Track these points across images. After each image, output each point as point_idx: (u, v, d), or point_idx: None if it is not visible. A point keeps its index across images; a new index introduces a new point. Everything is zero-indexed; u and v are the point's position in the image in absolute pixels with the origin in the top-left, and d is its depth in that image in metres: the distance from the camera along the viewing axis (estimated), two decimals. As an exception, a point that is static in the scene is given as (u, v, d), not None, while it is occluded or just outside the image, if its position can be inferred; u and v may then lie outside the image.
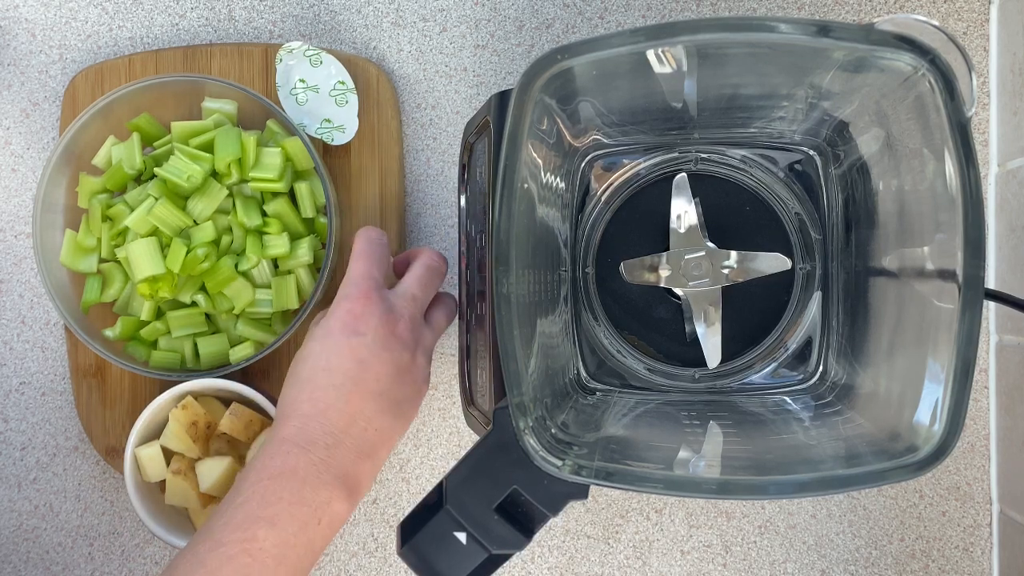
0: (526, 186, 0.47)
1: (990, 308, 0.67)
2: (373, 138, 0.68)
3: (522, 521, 0.47)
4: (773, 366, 0.60)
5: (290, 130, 0.64)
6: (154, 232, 0.62)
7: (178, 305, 0.64)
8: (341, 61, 0.66)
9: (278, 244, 0.63)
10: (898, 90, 0.46)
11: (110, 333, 0.64)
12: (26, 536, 0.70)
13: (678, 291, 0.58)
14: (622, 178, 0.60)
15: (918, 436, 0.44)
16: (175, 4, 0.70)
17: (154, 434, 0.65)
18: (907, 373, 0.48)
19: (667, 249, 0.58)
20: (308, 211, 0.65)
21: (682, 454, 0.51)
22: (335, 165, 0.68)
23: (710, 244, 0.58)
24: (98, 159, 0.65)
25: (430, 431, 0.70)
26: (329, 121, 0.67)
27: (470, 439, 0.69)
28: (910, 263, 0.49)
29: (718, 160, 0.59)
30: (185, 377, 0.64)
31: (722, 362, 0.59)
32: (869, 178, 0.54)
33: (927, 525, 0.68)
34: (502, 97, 0.53)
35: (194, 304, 0.64)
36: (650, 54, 0.46)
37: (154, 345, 0.65)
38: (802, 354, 0.60)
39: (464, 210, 0.60)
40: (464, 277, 0.60)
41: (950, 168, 0.43)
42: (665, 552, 0.69)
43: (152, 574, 0.70)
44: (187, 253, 0.61)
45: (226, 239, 0.63)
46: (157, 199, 0.62)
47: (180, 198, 0.63)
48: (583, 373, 0.60)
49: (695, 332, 0.59)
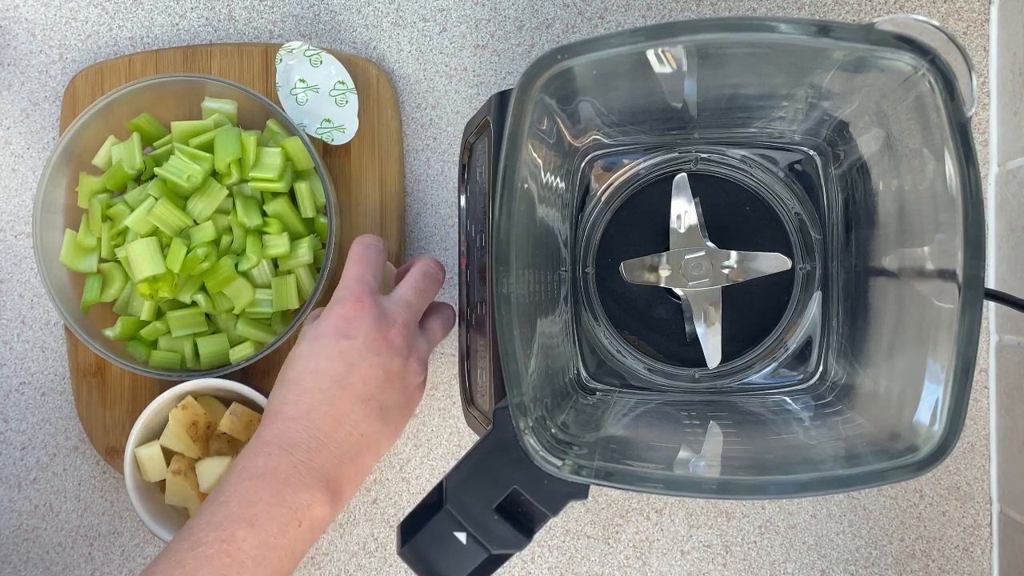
0: (526, 186, 0.47)
1: (990, 308, 0.67)
2: (373, 138, 0.68)
3: (522, 521, 0.47)
4: (773, 366, 0.60)
5: (290, 130, 0.64)
6: (154, 232, 0.62)
7: (178, 305, 0.64)
8: (341, 61, 0.66)
9: (278, 244, 0.63)
10: (898, 90, 0.46)
11: (110, 333, 0.64)
12: (26, 536, 0.70)
13: (678, 291, 0.58)
14: (622, 178, 0.60)
15: (918, 436, 0.44)
16: (175, 4, 0.70)
17: (154, 434, 0.65)
18: (907, 373, 0.48)
19: (667, 249, 0.58)
20: (308, 211, 0.65)
21: (682, 454, 0.51)
22: (335, 165, 0.68)
23: (710, 244, 0.58)
24: (98, 159, 0.65)
25: (430, 431, 0.70)
26: (329, 121, 0.67)
27: (470, 439, 0.69)
28: (910, 263, 0.49)
29: (718, 160, 0.59)
30: (185, 377, 0.64)
31: (722, 362, 0.59)
32: (869, 178, 0.54)
33: (927, 525, 0.68)
34: (502, 97, 0.53)
35: (194, 304, 0.64)
36: (650, 54, 0.46)
37: (154, 345, 0.65)
38: (802, 354, 0.60)
39: (464, 210, 0.60)
40: (464, 277, 0.60)
41: (950, 168, 0.43)
42: (665, 552, 0.69)
43: (152, 574, 0.71)
44: (187, 253, 0.61)
45: (226, 239, 0.63)
46: (157, 199, 0.62)
47: (180, 198, 0.63)
48: (583, 373, 0.60)
49: (695, 332, 0.59)
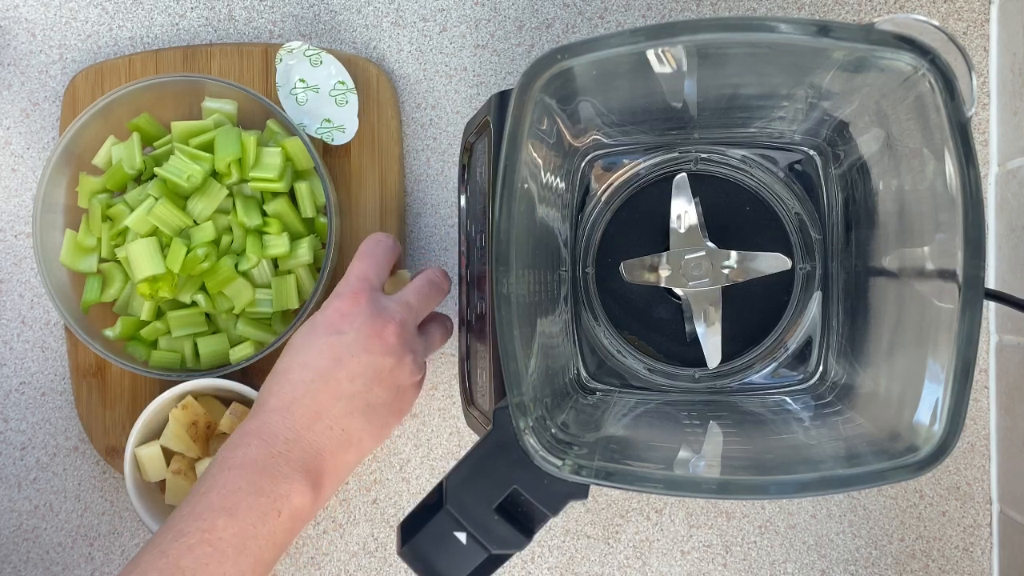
0: (526, 186, 0.47)
1: (990, 308, 0.67)
2: (373, 138, 0.68)
3: (522, 521, 0.47)
4: (773, 366, 0.60)
5: (290, 130, 0.64)
6: (154, 232, 0.62)
7: (178, 305, 0.64)
8: (341, 61, 0.66)
9: (278, 244, 0.63)
10: (898, 90, 0.46)
11: (110, 333, 0.64)
12: (26, 536, 0.70)
13: (678, 291, 0.58)
14: (622, 178, 0.60)
15: (918, 436, 0.44)
16: (175, 4, 0.70)
17: (154, 434, 0.65)
18: (907, 373, 0.48)
19: (667, 249, 0.58)
20: (308, 211, 0.65)
21: (682, 454, 0.51)
22: (335, 165, 0.68)
23: (710, 244, 0.58)
24: (98, 159, 0.65)
25: (430, 431, 0.70)
26: (329, 121, 0.67)
27: (470, 439, 0.69)
28: (910, 263, 0.49)
29: (718, 160, 0.59)
30: (185, 377, 0.64)
31: (722, 362, 0.59)
32: (869, 178, 0.54)
33: (927, 525, 0.68)
34: (502, 97, 0.53)
35: (194, 304, 0.64)
36: (650, 54, 0.46)
37: (154, 345, 0.65)
38: (802, 354, 0.60)
39: (464, 210, 0.60)
40: (464, 277, 0.60)
41: (950, 168, 0.43)
42: (665, 552, 0.69)
43: (152, 574, 0.70)
44: (187, 253, 0.61)
45: (226, 239, 0.63)
46: (157, 199, 0.62)
47: (180, 198, 0.63)
48: (583, 373, 0.60)
49: (695, 332, 0.59)
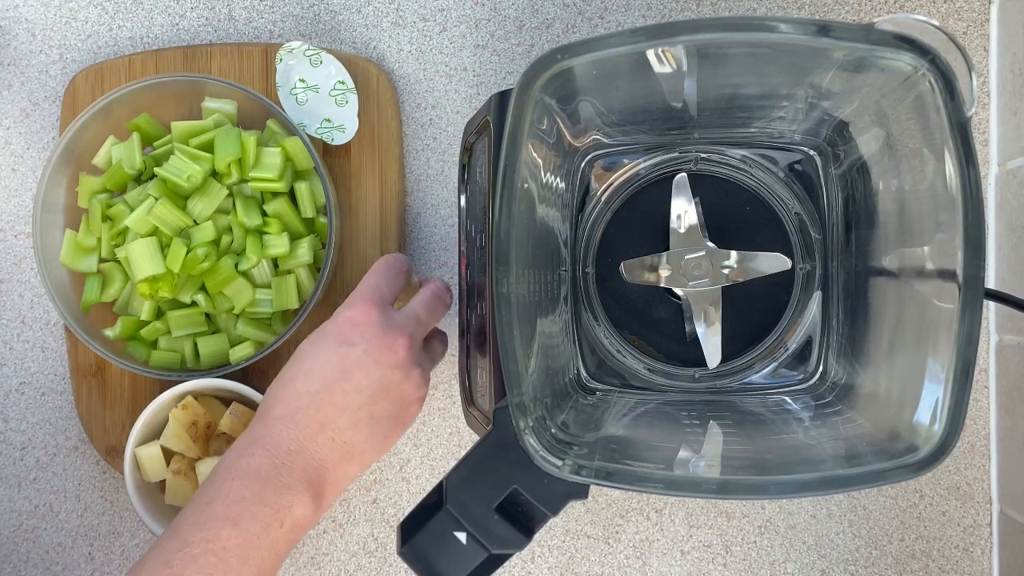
0: (526, 186, 0.47)
1: (990, 308, 0.67)
2: (373, 138, 0.68)
3: (522, 521, 0.47)
4: (773, 366, 0.60)
5: (290, 130, 0.64)
6: (154, 232, 0.62)
7: (178, 305, 0.64)
8: (341, 61, 0.66)
9: (278, 244, 0.63)
10: (898, 90, 0.46)
11: (110, 333, 0.64)
12: (26, 536, 0.70)
13: (678, 291, 0.58)
14: (622, 178, 0.60)
15: (918, 436, 0.44)
16: (175, 4, 0.70)
17: (154, 434, 0.65)
18: (907, 373, 0.48)
19: (667, 249, 0.58)
20: (308, 211, 0.65)
21: (682, 454, 0.51)
22: (335, 165, 0.68)
23: (710, 244, 0.58)
24: (98, 159, 0.65)
25: (430, 431, 0.70)
26: (329, 121, 0.67)
27: (470, 439, 0.69)
28: (910, 263, 0.49)
29: (718, 160, 0.59)
30: (185, 377, 0.64)
31: (722, 362, 0.59)
32: (869, 178, 0.54)
33: (927, 525, 0.68)
34: (502, 97, 0.53)
35: (194, 304, 0.64)
36: (650, 54, 0.46)
37: (154, 345, 0.65)
38: (802, 354, 0.60)
39: (464, 210, 0.60)
40: (464, 277, 0.60)
41: (950, 168, 0.43)
42: (665, 552, 0.69)
43: (152, 574, 0.70)
44: (187, 253, 0.61)
45: (226, 239, 0.63)
46: (157, 199, 0.62)
47: (180, 198, 0.63)
48: (583, 373, 0.60)
49: (695, 332, 0.59)
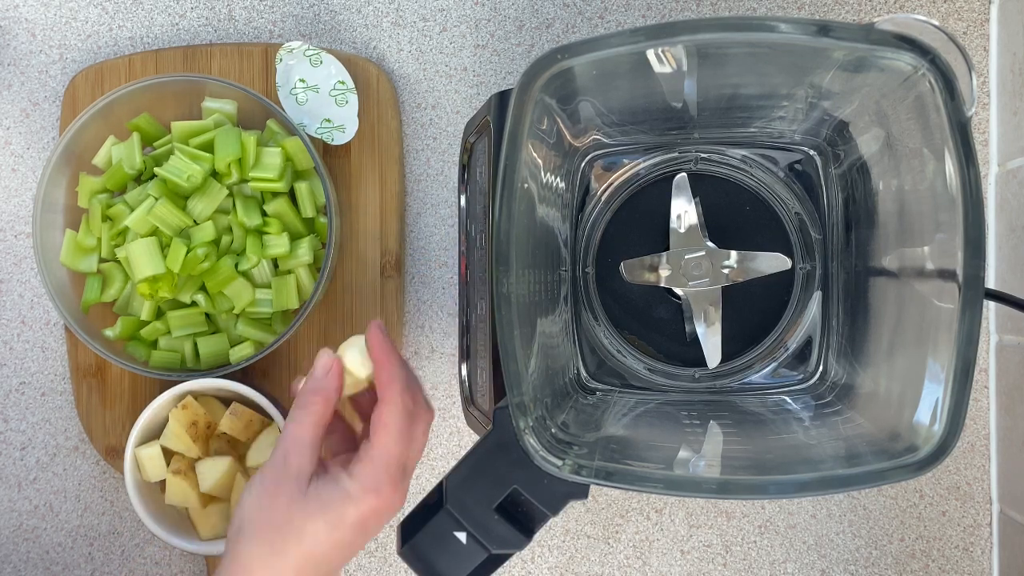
0: (526, 186, 0.47)
1: (990, 308, 0.67)
2: (373, 138, 0.68)
3: (522, 521, 0.47)
4: (773, 366, 0.60)
5: (290, 130, 0.64)
6: (154, 232, 0.62)
7: (178, 305, 0.64)
8: (341, 61, 0.66)
9: (278, 244, 0.63)
10: (898, 90, 0.46)
11: (110, 333, 0.64)
12: (26, 536, 0.70)
13: (678, 291, 0.58)
14: (622, 178, 0.60)
15: (918, 436, 0.44)
16: (175, 4, 0.70)
17: (154, 434, 0.65)
18: (907, 373, 0.48)
19: (667, 249, 0.58)
20: (308, 211, 0.65)
21: (682, 454, 0.51)
22: (335, 165, 0.68)
23: (710, 244, 0.58)
24: (98, 159, 0.65)
25: (430, 431, 0.70)
26: (329, 121, 0.67)
27: (470, 439, 0.69)
28: (910, 263, 0.49)
29: (718, 160, 0.59)
30: (185, 377, 0.64)
31: (722, 362, 0.59)
32: (869, 178, 0.54)
33: (927, 525, 0.68)
34: (502, 97, 0.53)
35: (194, 304, 0.64)
36: (650, 54, 0.46)
37: (154, 345, 0.65)
38: (802, 354, 0.60)
39: (464, 210, 0.60)
40: (464, 277, 0.60)
41: (950, 168, 0.43)
42: (665, 552, 0.69)
43: (152, 574, 0.70)
44: (187, 253, 0.61)
45: (226, 239, 0.63)
46: (157, 199, 0.62)
47: (180, 198, 0.63)
48: (583, 373, 0.60)
49: (695, 332, 0.59)
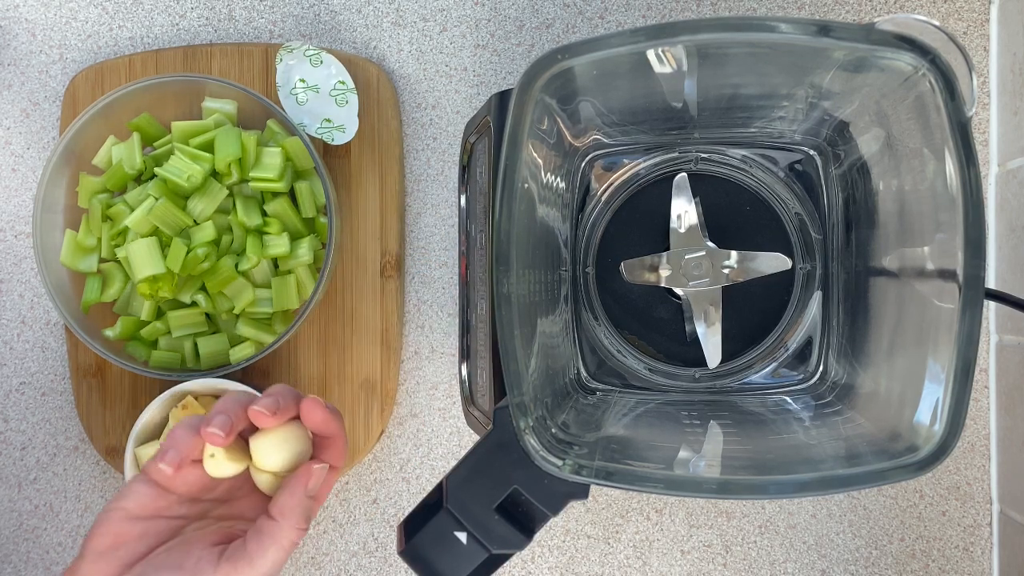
0: (526, 186, 0.47)
1: (990, 308, 0.67)
2: (373, 138, 0.68)
3: (522, 521, 0.47)
4: (773, 366, 0.60)
5: (290, 130, 0.64)
6: (154, 232, 0.62)
7: (178, 305, 0.64)
8: (341, 61, 0.66)
9: (278, 244, 0.63)
10: (898, 90, 0.46)
11: (110, 333, 0.64)
12: (26, 536, 0.70)
13: (678, 291, 0.58)
14: (622, 178, 0.60)
15: (918, 436, 0.44)
16: (175, 4, 0.70)
17: (154, 434, 0.65)
18: (907, 373, 0.48)
19: (667, 249, 0.58)
20: (308, 211, 0.65)
21: (682, 454, 0.51)
22: (335, 165, 0.68)
23: (710, 244, 0.58)
24: (98, 159, 0.65)
25: (430, 431, 0.70)
26: (329, 121, 0.67)
27: (470, 439, 0.69)
28: (910, 263, 0.49)
29: (718, 160, 0.59)
30: (185, 377, 0.64)
31: (722, 362, 0.59)
32: (869, 178, 0.54)
33: (927, 525, 0.68)
34: (502, 97, 0.53)
35: (194, 304, 0.64)
36: (650, 54, 0.45)
37: (154, 345, 0.65)
38: (802, 354, 0.60)
39: (464, 210, 0.60)
40: (464, 277, 0.60)
41: (950, 168, 0.43)
42: (665, 552, 0.69)
43: (152, 574, 0.70)
44: (187, 253, 0.61)
45: (226, 239, 0.63)
46: (157, 199, 0.62)
47: (180, 198, 0.63)
48: (583, 373, 0.60)
49: (695, 332, 0.59)
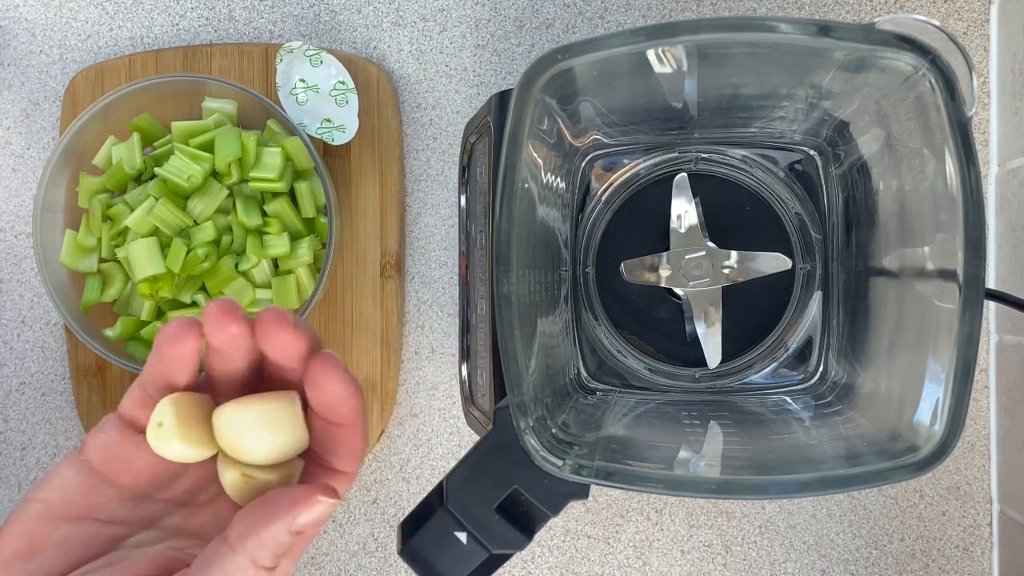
0: (526, 186, 0.47)
1: (990, 308, 0.67)
2: (373, 138, 0.68)
3: (522, 521, 0.47)
4: (773, 366, 0.60)
5: (290, 130, 0.64)
6: (154, 232, 0.62)
7: (178, 305, 0.64)
8: (341, 61, 0.66)
9: (278, 244, 0.63)
10: (898, 90, 0.46)
11: (110, 333, 0.64)
12: (26, 536, 0.70)
13: (678, 291, 0.58)
14: (622, 178, 0.60)
15: (918, 436, 0.44)
16: (175, 4, 0.70)
17: (154, 434, 0.65)
18: (907, 373, 0.48)
19: (667, 249, 0.58)
20: (308, 211, 0.65)
21: (682, 454, 0.51)
22: (335, 165, 0.68)
23: (710, 244, 0.58)
24: (98, 159, 0.65)
25: (430, 431, 0.70)
26: (329, 121, 0.67)
27: (470, 439, 0.69)
28: (910, 263, 0.49)
29: (718, 160, 0.59)
30: (185, 377, 0.64)
31: (722, 362, 0.59)
32: (869, 178, 0.54)
33: (927, 525, 0.68)
34: (502, 97, 0.53)
35: (194, 304, 0.64)
36: (650, 54, 0.46)
37: (154, 345, 0.65)
38: (802, 354, 0.60)
39: (464, 210, 0.60)
40: (464, 277, 0.60)
41: (950, 168, 0.43)
42: (665, 552, 0.69)
43: (152, 574, 0.70)
44: (187, 253, 0.61)
45: (226, 239, 0.63)
46: (157, 199, 0.62)
47: (180, 198, 0.63)
48: (583, 373, 0.60)
49: (695, 332, 0.59)
